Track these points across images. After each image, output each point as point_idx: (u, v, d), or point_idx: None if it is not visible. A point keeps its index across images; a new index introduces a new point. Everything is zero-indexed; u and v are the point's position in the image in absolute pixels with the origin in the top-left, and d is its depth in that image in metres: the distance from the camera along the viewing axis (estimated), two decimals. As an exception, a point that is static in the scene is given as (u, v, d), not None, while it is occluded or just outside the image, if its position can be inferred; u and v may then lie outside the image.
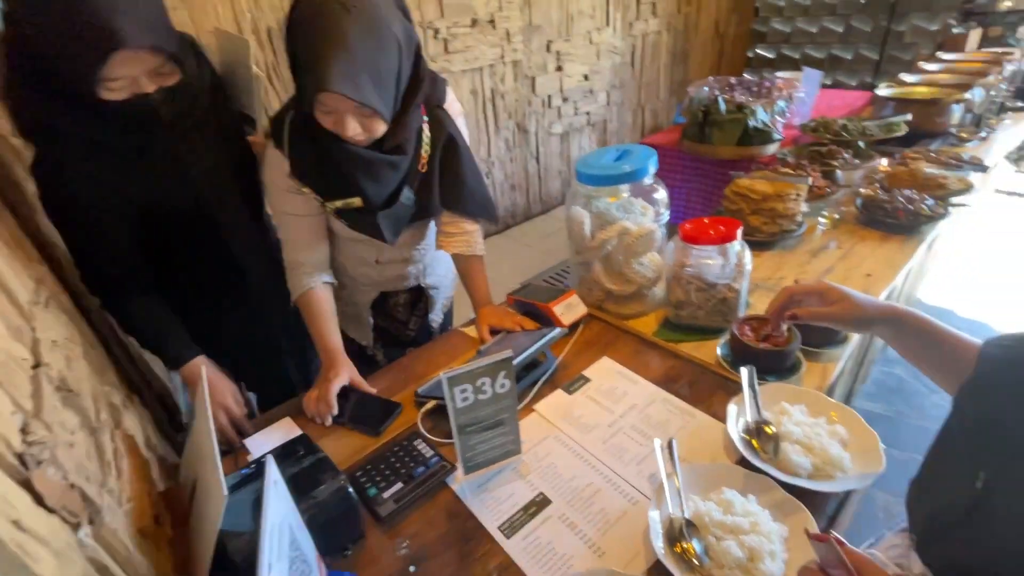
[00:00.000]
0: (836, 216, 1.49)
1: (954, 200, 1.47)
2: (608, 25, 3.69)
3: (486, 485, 0.80)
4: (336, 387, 0.95)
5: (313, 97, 0.82)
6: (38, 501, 0.47)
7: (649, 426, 0.88)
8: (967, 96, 1.94)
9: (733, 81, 2.31)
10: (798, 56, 4.63)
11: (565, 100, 3.65)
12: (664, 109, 4.55)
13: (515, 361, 0.86)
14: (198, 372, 0.95)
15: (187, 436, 0.88)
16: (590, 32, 3.58)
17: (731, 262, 1.03)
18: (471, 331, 1.19)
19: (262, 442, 0.93)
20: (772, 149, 1.99)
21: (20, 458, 0.47)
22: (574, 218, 1.13)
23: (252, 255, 1.13)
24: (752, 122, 1.97)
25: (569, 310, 1.12)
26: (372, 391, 0.99)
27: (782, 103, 2.14)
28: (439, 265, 1.32)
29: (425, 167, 1.02)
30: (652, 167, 1.08)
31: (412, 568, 0.70)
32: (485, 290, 1.19)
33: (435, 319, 1.39)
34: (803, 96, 2.26)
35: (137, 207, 0.95)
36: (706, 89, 2.21)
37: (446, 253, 1.17)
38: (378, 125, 0.87)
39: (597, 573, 0.65)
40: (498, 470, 0.82)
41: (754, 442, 0.78)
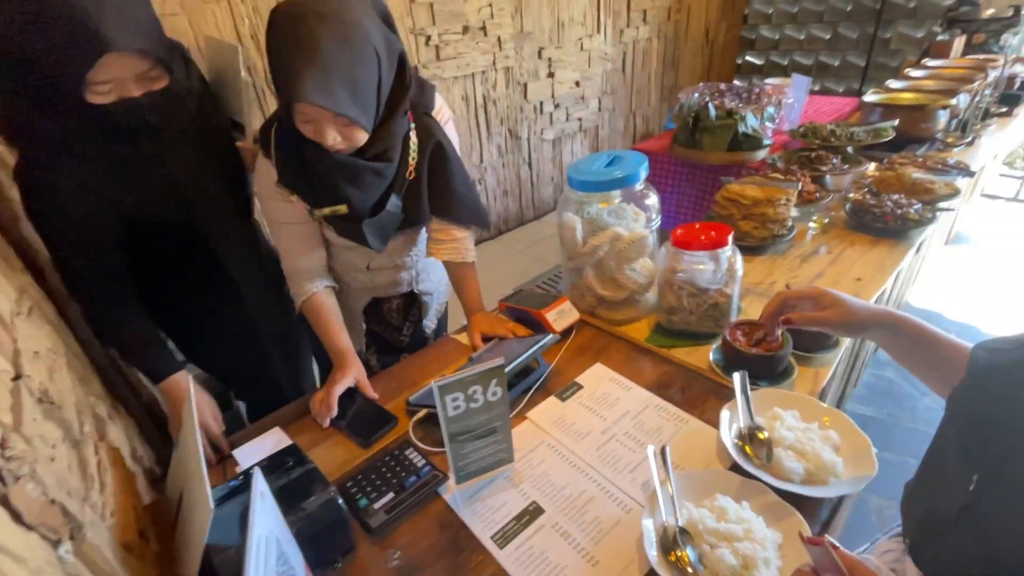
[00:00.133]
0: (826, 221, 1.50)
1: (941, 205, 1.48)
2: (599, 32, 3.72)
3: (479, 494, 0.79)
4: (339, 389, 0.96)
5: (291, 107, 0.82)
6: (15, 518, 0.45)
7: (642, 433, 0.87)
8: (952, 102, 1.96)
9: (723, 87, 2.33)
10: (786, 63, 4.69)
11: (557, 106, 3.66)
12: (655, 115, 4.58)
13: (507, 368, 0.85)
14: (178, 387, 0.94)
15: (174, 447, 0.86)
16: (581, 39, 3.61)
17: (722, 267, 1.03)
18: (463, 338, 1.18)
19: (251, 452, 0.92)
20: (762, 154, 2.00)
21: (-3, 474, 0.46)
22: (566, 224, 1.13)
23: (240, 261, 1.12)
24: (742, 128, 1.98)
25: (562, 316, 1.12)
26: (375, 396, 1.00)
27: (771, 109, 2.16)
28: (433, 271, 1.31)
29: (413, 174, 1.02)
30: (643, 173, 1.08)
31: (403, 580, 0.68)
32: (477, 297, 1.19)
33: (429, 325, 1.38)
34: (792, 102, 2.28)
35: (123, 213, 0.94)
36: (696, 95, 2.23)
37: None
38: (358, 134, 0.87)
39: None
40: (491, 479, 0.81)
41: (747, 448, 0.78)
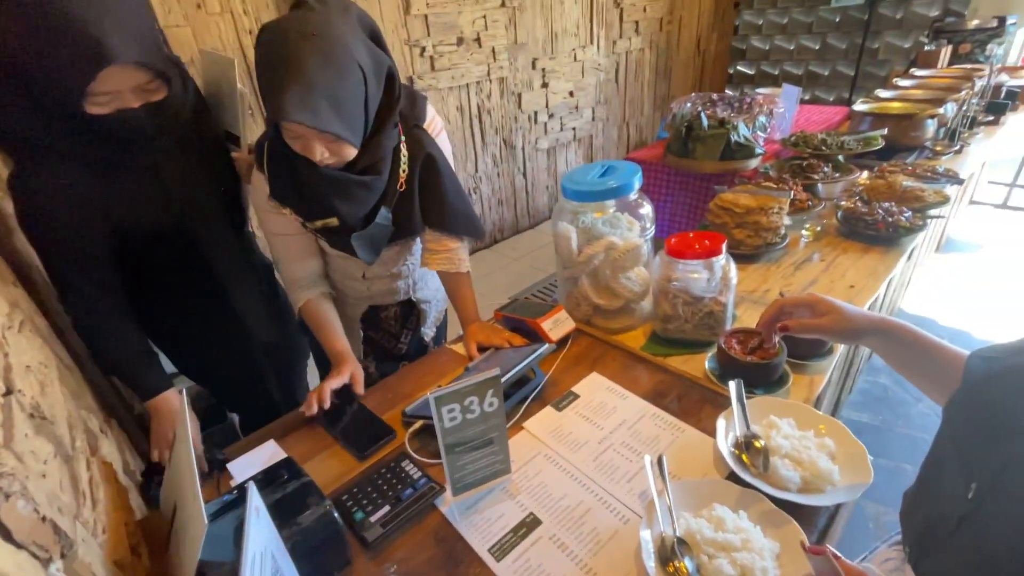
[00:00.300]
0: (818, 228, 1.51)
1: (931, 212, 1.50)
2: (592, 43, 3.76)
3: (475, 506, 0.79)
4: (333, 384, 0.99)
5: (278, 125, 0.84)
6: (6, 536, 0.45)
7: (639, 442, 0.87)
8: (940, 111, 1.99)
9: (715, 97, 2.35)
10: (777, 72, 4.76)
11: (551, 116, 3.69)
12: (648, 124, 4.63)
13: (504, 379, 0.85)
14: (167, 405, 0.93)
15: (167, 461, 0.85)
16: (575, 50, 3.64)
17: (717, 276, 1.04)
18: (459, 348, 1.18)
19: (245, 465, 0.91)
20: (754, 163, 2.02)
21: (-12, 491, 0.45)
22: (561, 234, 1.13)
23: (234, 272, 1.12)
24: (734, 137, 2.00)
25: (557, 325, 1.12)
26: (361, 392, 1.02)
27: (763, 118, 2.19)
28: (430, 280, 1.31)
29: (403, 186, 1.03)
30: (637, 182, 1.09)
31: (400, 595, 0.68)
32: (472, 307, 1.19)
33: (427, 332, 1.38)
34: (783, 111, 2.31)
35: (117, 223, 0.94)
36: (688, 105, 2.25)
37: None
38: (345, 149, 0.88)
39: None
40: (487, 491, 0.80)
41: (744, 457, 0.78)
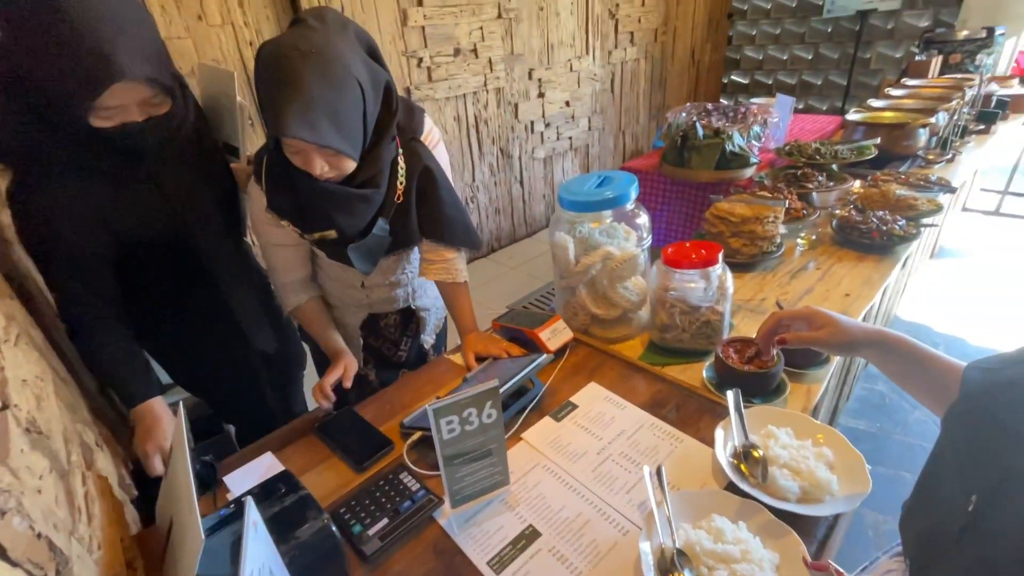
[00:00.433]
0: (813, 237, 1.52)
1: (925, 220, 1.52)
2: (588, 53, 3.79)
3: (474, 518, 0.79)
4: (331, 380, 1.05)
5: (279, 140, 0.85)
6: (1, 554, 0.44)
7: (638, 452, 0.87)
8: (932, 120, 2.02)
9: (710, 107, 2.37)
10: (771, 82, 4.82)
11: (547, 126, 3.72)
12: (644, 134, 4.66)
13: (502, 390, 0.85)
14: (151, 412, 0.92)
15: (164, 475, 0.85)
16: (570, 60, 3.68)
17: (713, 285, 1.04)
18: (457, 358, 1.18)
19: (242, 478, 0.90)
20: (749, 172, 2.04)
21: (-17, 509, 0.45)
22: (558, 244, 1.14)
23: (232, 282, 1.12)
24: (729, 146, 2.02)
25: (555, 335, 1.12)
26: (348, 385, 1.06)
27: (757, 128, 2.21)
28: (430, 287, 1.32)
29: (401, 197, 1.04)
30: (634, 193, 1.10)
31: (398, 609, 0.67)
32: (470, 316, 1.19)
33: (427, 340, 1.39)
34: (777, 121, 2.33)
35: (116, 233, 0.94)
36: (684, 115, 2.27)
37: None
38: (345, 163, 0.90)
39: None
40: (486, 502, 0.80)
41: (742, 467, 0.78)
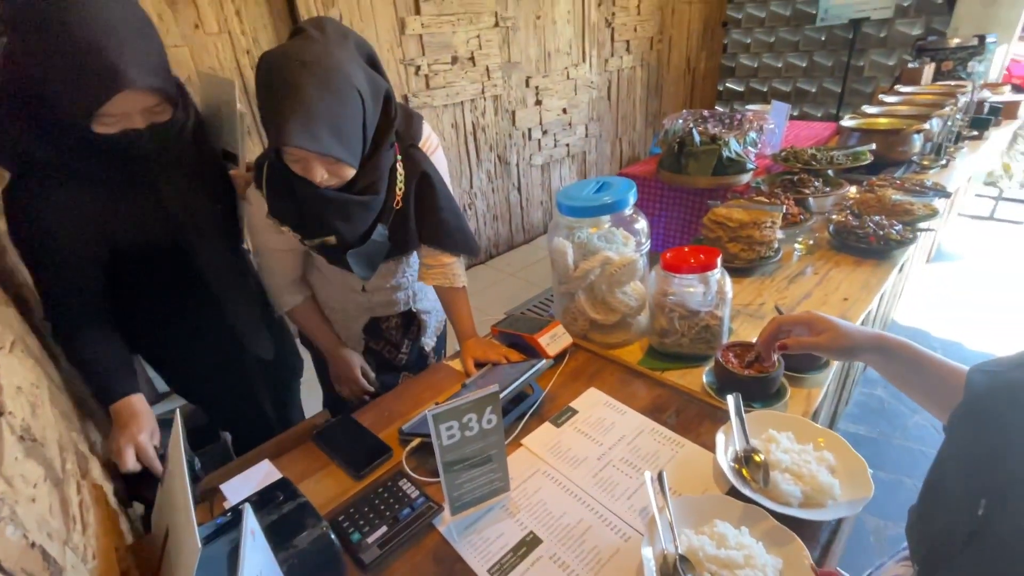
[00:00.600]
0: (810, 242, 1.53)
1: (921, 225, 1.52)
2: (584, 61, 3.82)
3: (474, 525, 0.78)
4: (356, 374, 1.27)
5: (280, 149, 0.86)
6: (-6, 564, 0.43)
7: (638, 458, 0.87)
8: (926, 126, 2.04)
9: (706, 114, 2.39)
10: (766, 89, 4.86)
11: (545, 133, 3.73)
12: (640, 140, 4.69)
13: (502, 395, 0.84)
14: (128, 409, 0.91)
15: (160, 483, 0.84)
16: (567, 68, 3.70)
17: (712, 289, 1.04)
18: (456, 364, 1.17)
19: (239, 486, 0.89)
20: (746, 178, 2.05)
21: (-24, 517, 0.44)
22: (557, 249, 1.14)
23: (229, 288, 1.12)
24: (726, 152, 2.03)
25: (555, 341, 1.12)
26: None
27: (753, 134, 2.22)
28: (431, 290, 1.33)
29: (400, 204, 1.05)
30: (632, 198, 1.10)
31: (398, 618, 0.66)
32: (469, 322, 1.19)
33: (428, 342, 1.40)
34: (773, 127, 2.35)
35: (112, 239, 0.94)
36: (680, 121, 2.29)
37: None
38: (345, 170, 0.91)
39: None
40: (486, 509, 0.79)
41: (744, 471, 0.77)
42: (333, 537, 0.67)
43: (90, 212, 0.90)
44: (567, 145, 3.94)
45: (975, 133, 2.48)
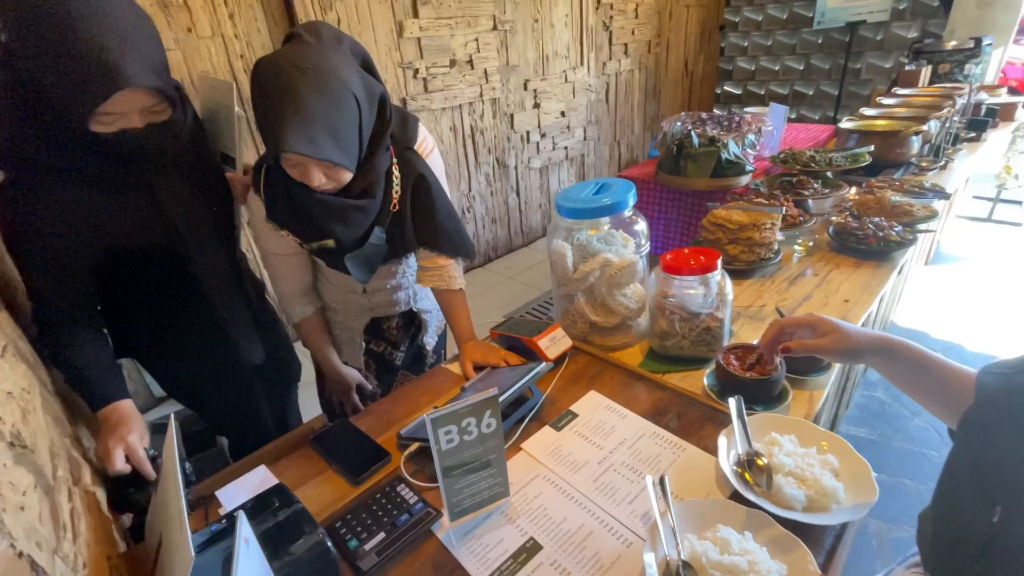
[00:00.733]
0: (810, 244, 1.52)
1: (920, 226, 1.52)
2: (582, 65, 3.83)
3: (474, 531, 0.77)
4: (351, 394, 1.31)
5: (277, 155, 0.86)
6: (-21, 575, 0.42)
7: (640, 462, 0.86)
8: (924, 128, 2.04)
9: (704, 116, 2.39)
10: (763, 92, 4.87)
11: (543, 136, 3.73)
12: (639, 143, 4.69)
13: (501, 398, 0.83)
14: (116, 414, 0.89)
15: (152, 488, 0.82)
16: (565, 71, 3.71)
17: (712, 291, 1.03)
18: (455, 368, 1.16)
19: (235, 492, 0.88)
20: (745, 180, 2.05)
21: (-38, 527, 0.43)
22: (556, 251, 1.13)
23: (225, 292, 1.11)
24: (725, 155, 2.03)
25: (554, 343, 1.11)
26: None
27: (752, 136, 2.23)
28: (430, 289, 1.32)
29: (396, 206, 1.05)
30: (631, 200, 1.09)
31: (396, 627, 0.65)
32: (467, 325, 1.18)
33: (429, 342, 1.40)
34: (771, 129, 2.35)
35: (108, 239, 0.93)
36: (679, 124, 2.29)
37: None
38: (343, 174, 0.91)
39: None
40: (486, 515, 0.78)
41: (746, 475, 0.76)
42: (330, 544, 0.66)
43: (84, 212, 0.89)
44: (565, 148, 3.94)
45: (973, 135, 2.49)
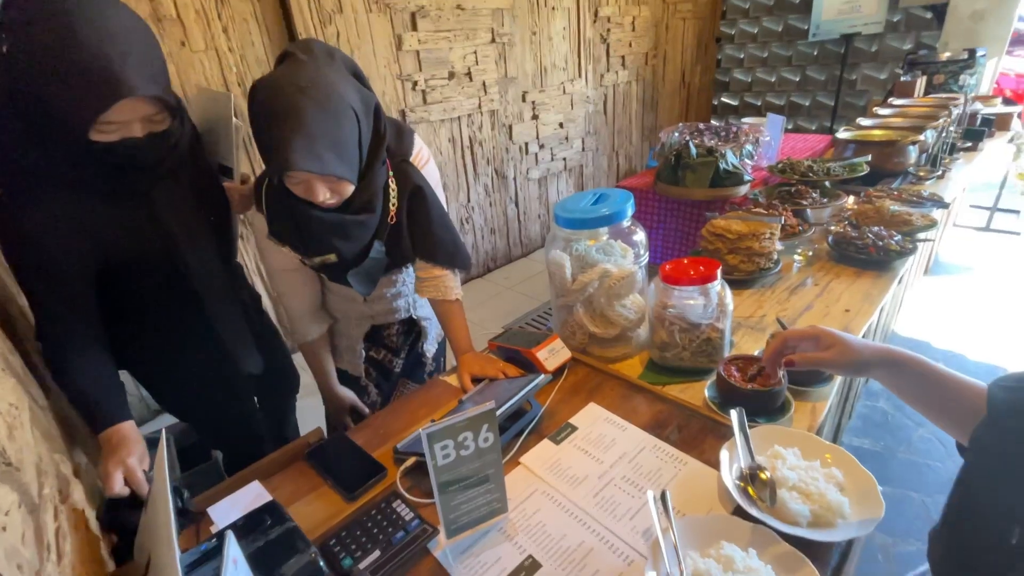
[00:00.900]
0: (810, 253, 1.52)
1: (920, 235, 1.52)
2: (580, 76, 3.85)
3: (471, 549, 0.75)
4: (344, 416, 1.29)
5: (282, 174, 0.87)
6: (-45, 600, 0.41)
7: (640, 476, 0.84)
8: (921, 138, 2.04)
9: (701, 127, 2.40)
10: (760, 103, 4.90)
11: (542, 147, 3.75)
12: (637, 154, 4.71)
13: (499, 412, 0.82)
14: (117, 434, 0.88)
15: (144, 507, 0.81)
16: (563, 83, 3.73)
17: (712, 302, 1.02)
18: (453, 380, 1.15)
19: (227, 508, 0.86)
20: (743, 190, 2.05)
21: (-62, 549, 0.42)
22: (554, 262, 1.12)
23: (221, 303, 1.10)
24: (723, 165, 2.03)
25: (553, 355, 1.09)
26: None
27: (749, 146, 2.23)
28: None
29: (394, 219, 1.06)
30: (630, 210, 1.09)
31: (391, 650, 0.63)
32: (465, 336, 1.17)
33: (429, 349, 1.40)
34: (769, 140, 2.36)
35: (104, 251, 0.93)
36: (676, 134, 2.30)
37: None
38: (346, 187, 0.92)
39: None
40: (483, 532, 0.76)
41: (750, 489, 0.75)
42: (322, 564, 0.65)
43: (82, 222, 0.89)
44: (564, 159, 3.95)
45: (969, 144, 2.50)
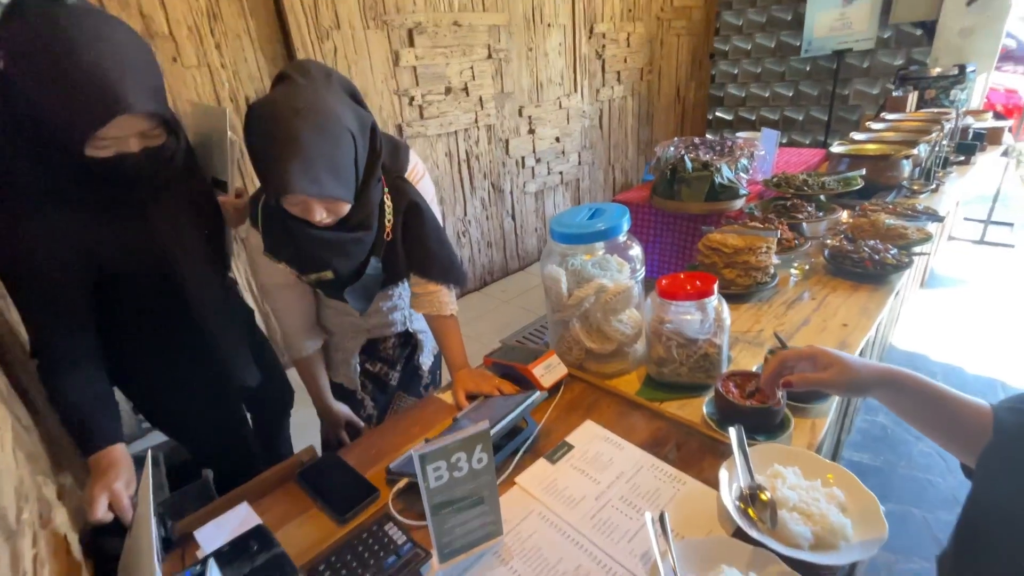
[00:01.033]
0: (806, 267, 1.51)
1: (916, 249, 1.52)
2: (576, 91, 3.89)
3: (465, 574, 0.73)
4: (340, 431, 1.26)
5: (279, 197, 0.86)
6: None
7: (638, 496, 0.82)
8: (914, 152, 2.06)
9: (697, 141, 2.42)
10: (754, 118, 4.96)
11: (538, 161, 3.77)
12: (633, 168, 4.74)
13: (493, 431, 0.81)
14: (107, 457, 0.86)
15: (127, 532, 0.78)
16: (559, 98, 3.77)
17: (710, 317, 1.01)
18: (447, 397, 1.13)
19: (214, 532, 0.84)
20: (739, 204, 2.05)
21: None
22: (550, 276, 1.11)
23: (215, 316, 1.09)
24: (718, 179, 2.04)
25: (549, 371, 1.08)
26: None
27: (744, 160, 2.24)
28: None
29: (390, 235, 1.06)
30: (626, 224, 1.08)
31: None
32: (460, 352, 1.16)
33: (425, 362, 1.39)
34: (763, 154, 2.38)
35: (101, 263, 0.92)
36: (672, 149, 2.31)
37: None
38: (342, 207, 0.92)
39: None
40: (478, 555, 0.74)
41: (750, 511, 0.73)
42: (311, 591, 0.62)
43: (76, 237, 0.88)
44: (560, 173, 3.97)
45: (962, 158, 2.52)
